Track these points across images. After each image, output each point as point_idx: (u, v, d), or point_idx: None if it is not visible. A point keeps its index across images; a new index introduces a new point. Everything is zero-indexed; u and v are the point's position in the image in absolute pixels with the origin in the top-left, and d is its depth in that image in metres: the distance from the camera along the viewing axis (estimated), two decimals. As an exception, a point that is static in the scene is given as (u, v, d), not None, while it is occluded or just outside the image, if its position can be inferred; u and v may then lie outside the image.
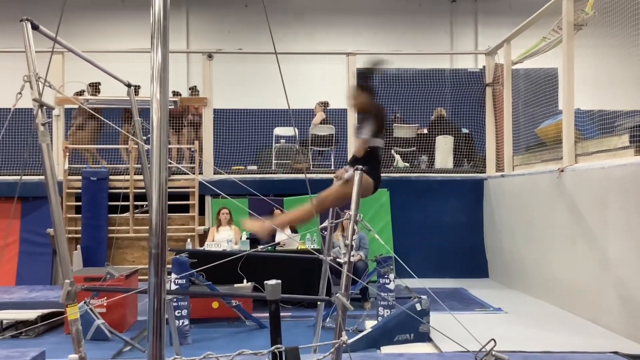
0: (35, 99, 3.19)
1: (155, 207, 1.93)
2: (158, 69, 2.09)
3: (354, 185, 4.00)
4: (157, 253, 1.92)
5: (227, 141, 11.07)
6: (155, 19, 2.05)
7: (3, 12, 14.18)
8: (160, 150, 2.00)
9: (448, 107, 11.29)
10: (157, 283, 1.90)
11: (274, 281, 2.83)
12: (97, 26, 14.10)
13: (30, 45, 3.39)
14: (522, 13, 10.21)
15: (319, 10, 15.16)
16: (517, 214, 8.87)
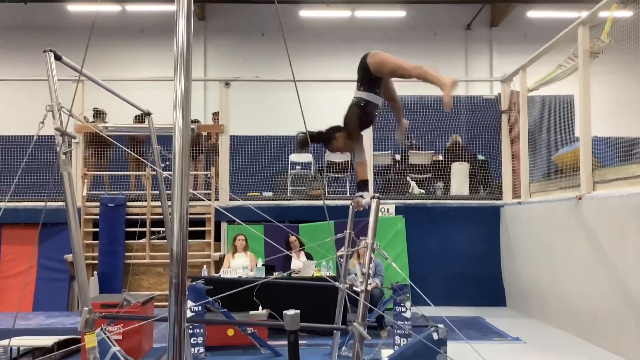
0: (57, 128, 3.24)
1: (176, 237, 1.95)
2: (180, 99, 2.13)
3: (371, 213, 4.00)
4: (177, 283, 1.93)
5: (243, 168, 11.13)
6: (179, 52, 2.09)
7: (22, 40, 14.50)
8: (182, 181, 2.02)
9: (463, 134, 11.28)
10: (178, 313, 1.90)
11: (292, 311, 2.82)
12: (115, 53, 14.35)
13: (53, 75, 3.46)
14: (537, 40, 10.25)
15: (333, 38, 15.31)
16: (534, 242, 8.79)
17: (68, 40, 13.24)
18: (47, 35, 14.18)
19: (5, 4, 13.95)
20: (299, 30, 14.29)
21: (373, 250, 3.75)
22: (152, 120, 5.50)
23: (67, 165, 3.28)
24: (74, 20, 14.48)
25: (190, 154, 7.16)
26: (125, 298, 5.99)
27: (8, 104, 13.84)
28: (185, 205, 1.99)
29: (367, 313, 3.55)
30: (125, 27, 14.73)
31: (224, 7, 15.36)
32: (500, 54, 15.48)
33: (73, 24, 14.40)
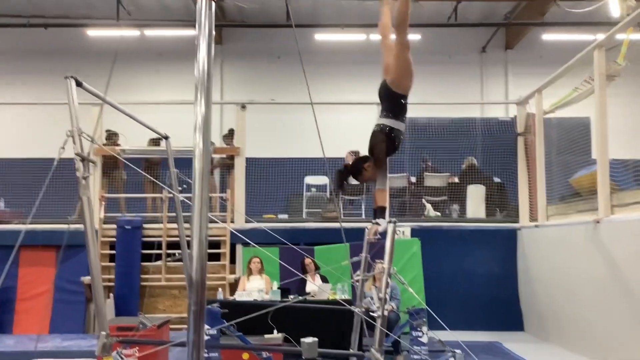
0: (78, 153, 3.29)
1: (195, 264, 1.96)
2: (201, 124, 2.16)
3: (387, 237, 4.00)
4: (197, 310, 1.94)
5: (259, 190, 11.17)
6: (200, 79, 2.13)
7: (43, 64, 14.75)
8: (202, 206, 2.04)
9: (479, 156, 11.25)
10: (197, 340, 1.91)
11: (310, 339, 2.81)
12: (134, 77, 14.54)
13: (74, 101, 3.52)
14: (553, 62, 10.24)
15: (349, 61, 15.40)
16: (552, 265, 8.69)
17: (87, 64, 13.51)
18: (67, 59, 14.42)
19: (27, 29, 14.20)
20: (314, 54, 14.39)
21: (390, 275, 3.74)
22: (170, 144, 5.55)
23: (87, 190, 3.32)
24: (93, 44, 14.71)
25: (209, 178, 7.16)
26: (141, 321, 6.00)
27: (27, 126, 14.04)
28: (205, 231, 2.01)
29: (384, 339, 3.53)
30: (144, 52, 14.93)
31: (240, 31, 15.53)
32: (515, 77, 15.47)
33: (92, 48, 14.63)
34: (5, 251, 8.79)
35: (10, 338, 8.58)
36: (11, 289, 9.59)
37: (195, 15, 2.35)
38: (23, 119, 14.00)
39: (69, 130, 3.40)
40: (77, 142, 3.33)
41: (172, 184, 5.24)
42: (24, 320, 9.49)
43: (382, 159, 4.76)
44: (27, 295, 9.64)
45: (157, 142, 10.73)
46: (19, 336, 8.86)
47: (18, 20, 14.37)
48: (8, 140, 13.68)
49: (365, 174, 4.86)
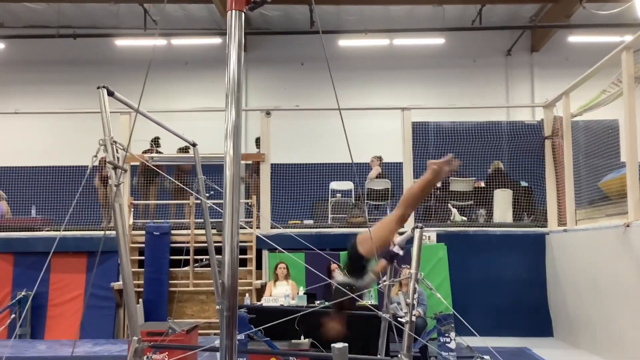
0: (110, 161, 3.36)
1: (227, 271, 1.99)
2: (231, 132, 2.20)
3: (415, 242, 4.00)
4: (229, 315, 1.98)
5: (284, 195, 11.22)
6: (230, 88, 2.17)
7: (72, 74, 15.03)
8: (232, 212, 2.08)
9: (505, 160, 11.17)
10: (230, 345, 1.94)
11: (341, 344, 2.83)
12: (160, 85, 14.73)
13: (106, 111, 3.60)
14: (579, 65, 10.15)
15: (373, 67, 15.42)
16: (581, 270, 8.59)
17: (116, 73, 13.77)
18: (96, 69, 14.69)
19: (57, 40, 14.50)
20: (338, 60, 14.43)
21: (417, 281, 3.74)
22: (198, 151, 5.62)
23: (120, 197, 3.39)
24: (121, 54, 14.98)
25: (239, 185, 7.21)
26: (170, 326, 6.08)
27: (56, 135, 14.33)
28: (236, 238, 2.05)
29: (412, 344, 3.54)
30: (171, 60, 15.13)
31: (265, 38, 15.66)
32: (541, 79, 15.32)
33: (120, 58, 14.89)
34: (36, 257, 9.08)
35: (43, 343, 8.74)
36: (43, 294, 9.76)
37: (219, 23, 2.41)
38: (53, 128, 14.28)
39: (101, 139, 3.47)
40: (109, 151, 3.40)
41: (199, 190, 5.30)
42: (55, 326, 9.65)
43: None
44: (58, 301, 9.81)
45: (186, 150, 10.88)
46: (51, 341, 9.01)
47: (47, 31, 14.69)
48: (39, 149, 13.99)
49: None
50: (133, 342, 3.39)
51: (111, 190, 3.34)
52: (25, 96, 15.03)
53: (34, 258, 9.28)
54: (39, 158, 12.90)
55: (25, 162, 12.26)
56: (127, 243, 3.43)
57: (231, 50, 2.24)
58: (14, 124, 14.00)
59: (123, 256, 3.48)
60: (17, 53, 15.42)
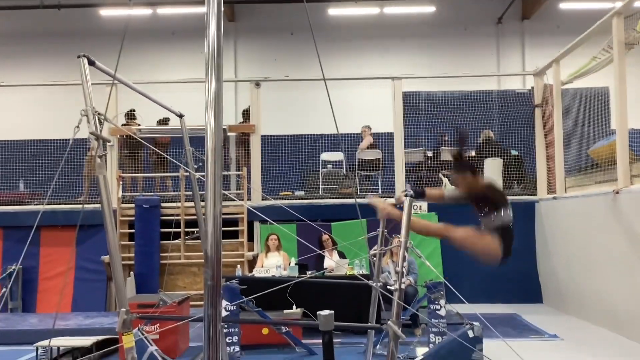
0: (92, 132, 3.30)
1: (210, 240, 1.96)
2: (212, 100, 2.15)
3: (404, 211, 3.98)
4: (212, 285, 1.95)
5: (275, 167, 11.18)
6: (210, 55, 2.11)
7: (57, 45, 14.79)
8: (215, 182, 2.04)
9: (496, 129, 11.15)
10: (214, 314, 1.92)
11: (326, 312, 2.82)
12: (147, 56, 14.56)
13: (87, 80, 3.52)
14: (570, 32, 10.07)
15: (363, 36, 15.27)
16: (571, 238, 8.64)
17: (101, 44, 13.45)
18: (81, 40, 14.44)
19: (40, 11, 14.24)
20: (327, 29, 14.28)
21: (407, 249, 3.73)
22: (185, 123, 5.55)
23: (103, 169, 3.34)
24: (106, 24, 14.72)
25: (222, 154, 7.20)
26: (161, 298, 6.08)
27: (43, 108, 14.12)
28: (219, 207, 2.01)
29: (401, 311, 3.54)
30: (157, 30, 14.92)
31: (253, 8, 15.44)
32: (532, 47, 15.22)
33: (106, 28, 14.63)
34: (26, 232, 8.95)
35: (34, 316, 8.74)
36: (33, 268, 9.76)
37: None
38: (39, 100, 14.08)
39: (83, 110, 3.41)
40: (91, 121, 3.34)
41: (187, 162, 5.25)
42: (46, 299, 9.66)
43: (488, 193, 4.73)
44: (49, 274, 9.81)
45: (165, 122, 10.81)
46: (42, 314, 9.02)
47: (31, 2, 14.41)
48: (25, 122, 13.81)
49: (461, 178, 4.81)
50: (121, 314, 3.37)
51: (94, 161, 3.28)
52: (9, 69, 14.80)
53: (23, 232, 9.21)
54: (25, 131, 12.73)
55: (12, 136, 12.12)
56: (112, 215, 3.38)
57: (210, 15, 2.17)
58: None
59: (109, 228, 3.44)
60: (1, 25, 15.15)
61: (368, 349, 5.71)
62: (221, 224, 2.04)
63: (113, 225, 3.43)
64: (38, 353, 6.63)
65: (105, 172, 3.35)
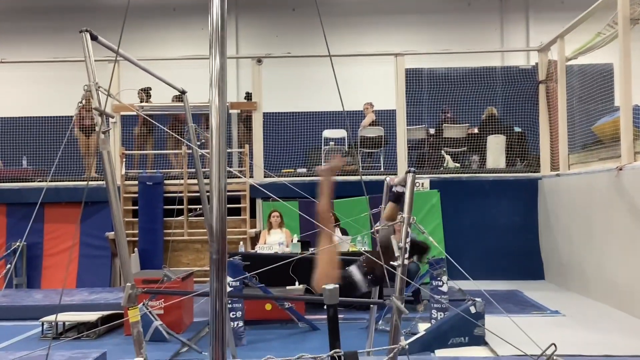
0: (96, 108, 3.29)
1: (215, 214, 1.97)
2: (216, 76, 2.14)
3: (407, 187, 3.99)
4: (217, 259, 1.96)
5: (277, 144, 11.17)
6: (213, 29, 2.10)
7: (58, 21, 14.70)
8: (220, 156, 2.04)
9: (499, 106, 11.11)
10: (219, 288, 1.94)
11: (331, 286, 2.84)
12: (149, 33, 14.45)
13: (90, 55, 3.49)
14: (575, 7, 9.96)
15: (366, 11, 15.13)
16: (574, 214, 8.65)
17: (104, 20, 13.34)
18: (83, 16, 14.31)
19: (39, -14, 14.16)
20: (329, 4, 14.18)
21: (409, 225, 3.74)
22: (187, 99, 5.53)
23: (107, 145, 3.34)
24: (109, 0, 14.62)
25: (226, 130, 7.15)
26: (165, 274, 6.12)
27: (45, 85, 14.07)
28: (224, 182, 2.01)
29: (404, 287, 3.56)
30: (158, 6, 14.80)
31: (255, -17, 15.31)
32: (536, 23, 15.07)
33: (108, 4, 14.54)
34: (30, 208, 9.06)
35: (39, 292, 8.82)
36: (38, 245, 9.82)
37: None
38: (42, 77, 14.02)
39: (86, 85, 3.39)
40: (95, 97, 3.33)
41: (191, 138, 5.24)
42: (51, 275, 9.73)
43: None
44: (53, 251, 9.86)
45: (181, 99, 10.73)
46: (47, 290, 9.09)
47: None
48: (29, 99, 13.78)
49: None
50: (127, 288, 3.40)
51: (97, 137, 3.28)
52: (10, 45, 14.69)
53: (27, 209, 9.28)
54: (28, 109, 12.71)
55: (15, 113, 12.11)
56: (116, 192, 3.39)
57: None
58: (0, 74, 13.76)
59: (113, 204, 3.44)
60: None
61: (370, 324, 5.76)
62: (226, 199, 2.05)
63: (118, 202, 3.44)
64: (44, 328, 6.71)
65: (109, 147, 3.35)
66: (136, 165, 10.83)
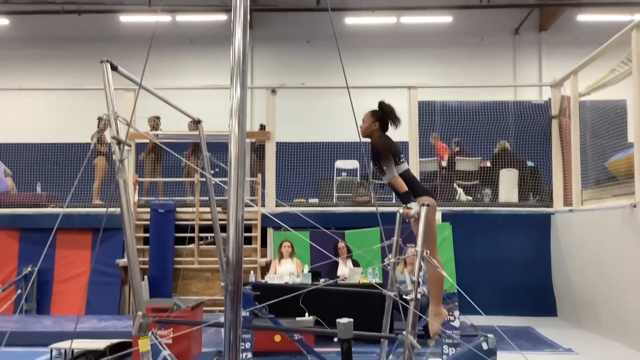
0: (114, 137, 3.33)
1: (232, 245, 1.98)
2: (236, 107, 2.17)
3: (421, 221, 3.99)
4: (233, 290, 1.96)
5: (289, 174, 11.21)
6: (235, 62, 2.13)
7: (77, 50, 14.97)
8: (238, 188, 2.05)
9: (512, 140, 11.11)
10: (234, 319, 1.93)
11: (346, 320, 2.82)
12: (165, 62, 14.66)
13: (110, 85, 3.56)
14: (588, 44, 10.03)
15: (379, 45, 15.31)
16: (587, 251, 8.57)
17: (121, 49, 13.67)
18: (101, 45, 14.60)
19: (61, 16, 14.44)
20: (345, 38, 14.33)
21: (423, 258, 3.73)
22: (203, 128, 5.59)
23: (123, 173, 3.37)
24: (126, 30, 14.90)
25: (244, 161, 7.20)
26: (175, 303, 6.09)
27: (60, 112, 14.30)
28: (241, 213, 2.03)
29: (416, 322, 3.54)
30: (176, 37, 15.05)
31: (271, 16, 15.54)
32: (549, 59, 15.19)
33: (125, 34, 14.82)
34: (42, 234, 9.09)
35: (49, 319, 8.80)
36: (49, 271, 9.82)
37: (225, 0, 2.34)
38: (58, 104, 14.26)
39: (105, 114, 3.44)
40: (113, 126, 3.38)
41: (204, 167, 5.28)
42: (61, 302, 9.71)
43: (383, 151, 4.70)
44: (64, 277, 9.86)
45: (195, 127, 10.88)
46: (57, 317, 9.08)
47: (52, 7, 14.61)
48: (44, 125, 13.97)
49: (369, 118, 5.03)
50: (138, 317, 3.39)
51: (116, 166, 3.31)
52: (29, 72, 15.00)
53: (40, 234, 9.31)
54: (44, 134, 12.90)
55: (31, 139, 12.26)
56: (131, 219, 3.41)
57: (236, 24, 2.19)
58: (18, 100, 14.01)
59: (127, 232, 3.46)
60: (21, 29, 15.37)
61: (381, 359, 5.68)
62: (242, 230, 2.06)
63: (132, 229, 3.46)
64: (52, 355, 6.67)
65: (125, 176, 3.38)
66: (145, 192, 10.89)
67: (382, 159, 4.76)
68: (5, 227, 9.89)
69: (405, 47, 15.38)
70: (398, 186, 4.73)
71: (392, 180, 4.71)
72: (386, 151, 4.77)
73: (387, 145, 4.84)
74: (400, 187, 4.70)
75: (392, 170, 4.72)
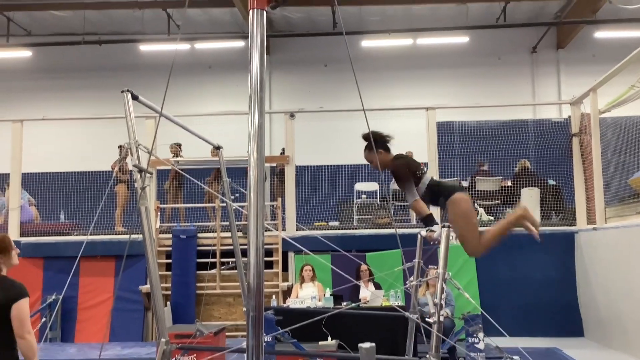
0: (135, 165, 3.38)
1: (252, 271, 1.99)
2: (255, 134, 2.20)
3: (442, 242, 3.97)
4: (255, 315, 1.97)
5: (309, 197, 11.22)
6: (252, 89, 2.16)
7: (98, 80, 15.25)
8: (257, 213, 2.07)
9: (532, 159, 11.03)
10: (256, 345, 1.94)
11: (368, 344, 2.81)
12: (184, 89, 14.86)
13: (131, 114, 3.62)
14: (607, 61, 9.99)
15: (397, 67, 15.37)
16: (612, 269, 8.43)
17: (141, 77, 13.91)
18: (121, 74, 14.86)
19: (82, 47, 14.72)
20: (361, 60, 14.41)
21: (445, 281, 3.70)
22: (222, 154, 5.65)
23: (145, 200, 3.41)
24: (146, 58, 15.15)
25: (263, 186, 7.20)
26: (198, 329, 6.10)
27: (86, 141, 14.53)
28: (261, 238, 2.04)
29: (440, 345, 3.50)
30: (194, 64, 15.27)
31: (287, 41, 15.71)
32: (568, 76, 15.12)
33: (145, 62, 15.07)
34: (66, 262, 9.20)
35: (73, 346, 8.86)
36: (73, 298, 9.90)
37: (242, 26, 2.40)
38: (81, 133, 14.51)
39: (126, 143, 3.50)
40: (134, 154, 3.43)
41: (225, 192, 5.32)
42: (85, 329, 9.77)
43: (403, 176, 4.68)
44: (87, 304, 9.93)
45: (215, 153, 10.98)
46: (81, 344, 9.13)
47: (73, 38, 14.91)
48: (67, 155, 14.19)
49: (370, 155, 4.77)
50: (161, 344, 3.40)
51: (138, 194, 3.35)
52: (52, 103, 15.31)
53: (63, 262, 9.41)
54: (67, 164, 13.09)
55: (54, 168, 12.44)
56: (154, 246, 3.44)
57: (254, 49, 2.23)
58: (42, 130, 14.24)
59: (150, 259, 3.49)
60: (44, 60, 15.70)
61: (405, 383, 5.63)
62: (263, 255, 2.07)
63: (154, 256, 3.49)
64: (77, 382, 6.71)
65: (147, 203, 3.42)
66: (167, 218, 10.97)
67: (403, 185, 4.71)
68: (29, 255, 10.00)
69: (422, 68, 15.42)
70: (420, 210, 4.68)
71: (414, 205, 4.66)
72: (406, 175, 4.71)
73: (405, 167, 4.79)
74: (422, 211, 4.66)
75: (414, 194, 4.67)
